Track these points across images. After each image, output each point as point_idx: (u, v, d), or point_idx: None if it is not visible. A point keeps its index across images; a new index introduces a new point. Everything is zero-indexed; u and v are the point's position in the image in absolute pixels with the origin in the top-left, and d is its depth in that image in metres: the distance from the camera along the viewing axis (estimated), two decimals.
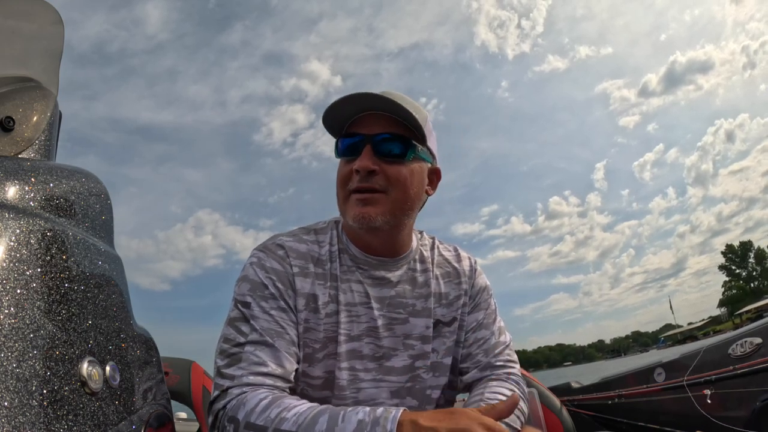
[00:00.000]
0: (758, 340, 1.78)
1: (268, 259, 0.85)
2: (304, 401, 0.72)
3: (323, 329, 0.84)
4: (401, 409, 0.65)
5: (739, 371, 1.77)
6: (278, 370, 0.76)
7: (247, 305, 0.80)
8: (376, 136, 0.83)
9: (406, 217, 0.88)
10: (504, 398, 0.84)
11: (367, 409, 0.66)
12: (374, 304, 0.88)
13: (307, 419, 0.66)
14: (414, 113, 0.83)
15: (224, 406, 0.72)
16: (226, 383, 0.74)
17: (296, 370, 0.81)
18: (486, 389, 0.87)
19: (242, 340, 0.77)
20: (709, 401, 1.81)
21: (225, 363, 0.76)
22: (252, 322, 0.79)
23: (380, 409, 0.65)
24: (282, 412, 0.67)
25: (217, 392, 0.75)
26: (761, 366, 1.71)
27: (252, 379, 0.74)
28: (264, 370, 0.75)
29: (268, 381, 0.75)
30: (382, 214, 0.83)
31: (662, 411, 2.09)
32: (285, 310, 0.82)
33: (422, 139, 0.87)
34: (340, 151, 0.87)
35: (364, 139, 0.84)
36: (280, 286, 0.83)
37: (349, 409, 0.67)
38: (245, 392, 0.72)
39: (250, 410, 0.69)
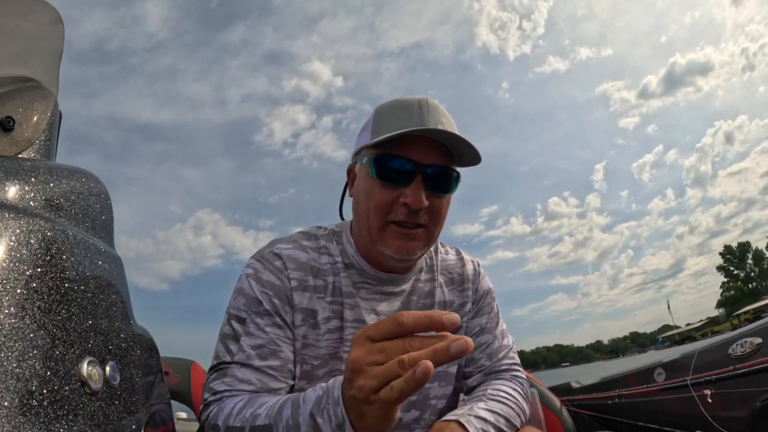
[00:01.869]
0: (758, 340, 1.78)
1: (264, 271, 0.82)
2: (277, 396, 0.71)
3: (324, 345, 0.82)
4: (342, 381, 0.59)
5: (739, 371, 1.77)
6: (262, 389, 0.76)
7: (241, 321, 0.79)
8: (429, 168, 0.76)
9: (433, 244, 0.88)
10: (505, 395, 0.85)
11: (322, 384, 0.62)
12: (382, 319, 0.87)
13: (275, 408, 0.65)
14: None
15: (207, 417, 0.74)
16: (210, 397, 0.75)
17: (292, 387, 0.80)
18: (489, 386, 0.87)
19: (228, 359, 0.77)
20: (709, 401, 1.81)
21: (212, 377, 0.77)
22: (243, 339, 0.78)
23: (331, 380, 0.61)
24: (256, 410, 0.68)
25: (202, 406, 0.77)
26: (761, 366, 1.71)
27: (233, 393, 0.75)
28: (247, 388, 0.75)
29: (248, 388, 0.75)
30: (421, 247, 0.81)
31: (662, 411, 2.08)
32: (281, 327, 0.80)
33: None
34: (380, 174, 0.77)
35: (415, 169, 0.76)
36: (276, 301, 0.80)
37: (309, 390, 0.64)
38: (223, 399, 0.74)
39: (228, 414, 0.70)
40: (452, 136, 0.75)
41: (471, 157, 0.79)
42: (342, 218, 0.99)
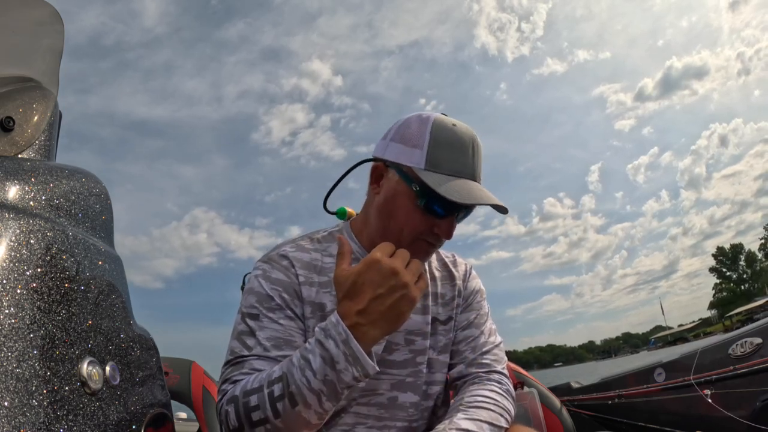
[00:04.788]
0: (758, 340, 1.79)
1: (273, 270, 0.87)
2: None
3: None
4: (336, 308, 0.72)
5: (739, 371, 1.77)
6: None
7: (254, 317, 0.82)
8: (464, 210, 0.85)
9: None
10: (483, 399, 0.85)
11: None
12: None
13: (287, 360, 0.73)
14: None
15: (223, 397, 0.77)
16: (229, 387, 0.78)
17: None
18: (465, 394, 0.87)
19: (246, 353, 0.80)
20: (709, 401, 1.81)
21: (229, 370, 0.80)
22: (258, 334, 0.81)
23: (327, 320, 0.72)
24: (270, 371, 0.73)
25: (219, 396, 0.79)
26: (761, 366, 1.71)
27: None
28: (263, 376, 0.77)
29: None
30: (431, 257, 0.95)
31: (662, 411, 2.08)
32: (293, 319, 0.84)
33: None
34: (427, 208, 0.83)
35: (454, 209, 0.83)
36: (286, 296, 0.84)
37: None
38: (240, 379, 0.77)
39: (245, 383, 0.74)
40: (499, 207, 0.84)
41: (500, 208, 0.85)
42: (326, 209, 1.02)
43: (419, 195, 0.83)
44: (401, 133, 0.87)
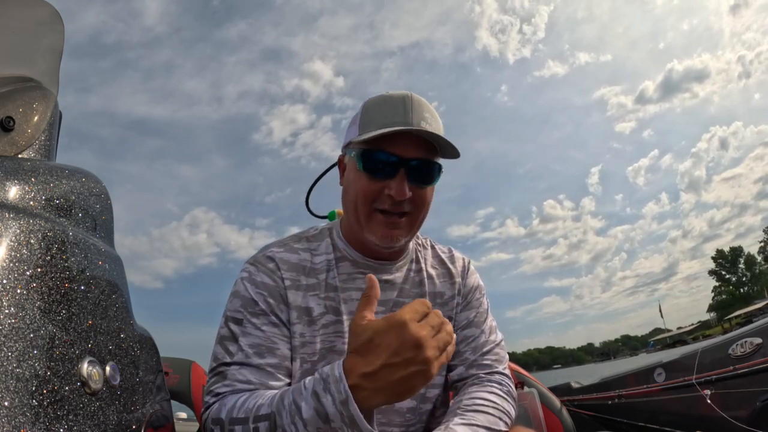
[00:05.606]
0: (758, 340, 1.78)
1: (258, 273, 0.85)
2: (280, 389, 0.74)
3: (320, 341, 0.85)
4: (341, 360, 0.65)
5: (739, 371, 1.77)
6: (262, 387, 0.78)
7: (238, 322, 0.81)
8: (412, 160, 0.81)
9: (418, 231, 0.91)
10: (482, 401, 0.83)
11: (320, 369, 0.67)
12: (378, 308, 0.88)
13: (277, 397, 0.69)
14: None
15: (208, 415, 0.75)
16: (212, 400, 0.77)
17: (289, 385, 0.81)
18: (464, 396, 0.86)
19: (228, 360, 0.79)
20: (709, 401, 1.81)
21: (212, 381, 0.79)
22: (241, 340, 0.80)
23: (328, 366, 0.65)
24: (258, 401, 0.70)
25: (203, 408, 0.78)
26: (761, 366, 1.71)
27: (235, 393, 0.76)
28: (247, 388, 0.77)
29: (249, 387, 0.77)
30: (405, 234, 0.87)
31: (662, 411, 2.08)
32: (277, 325, 0.82)
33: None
34: (366, 167, 0.82)
35: (398, 162, 0.80)
36: (271, 301, 0.83)
37: (309, 377, 0.68)
38: (226, 396, 0.75)
39: (231, 407, 0.72)
40: (433, 135, 0.80)
41: (451, 150, 0.83)
42: (308, 209, 1.08)
43: (357, 159, 0.83)
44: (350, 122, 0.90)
